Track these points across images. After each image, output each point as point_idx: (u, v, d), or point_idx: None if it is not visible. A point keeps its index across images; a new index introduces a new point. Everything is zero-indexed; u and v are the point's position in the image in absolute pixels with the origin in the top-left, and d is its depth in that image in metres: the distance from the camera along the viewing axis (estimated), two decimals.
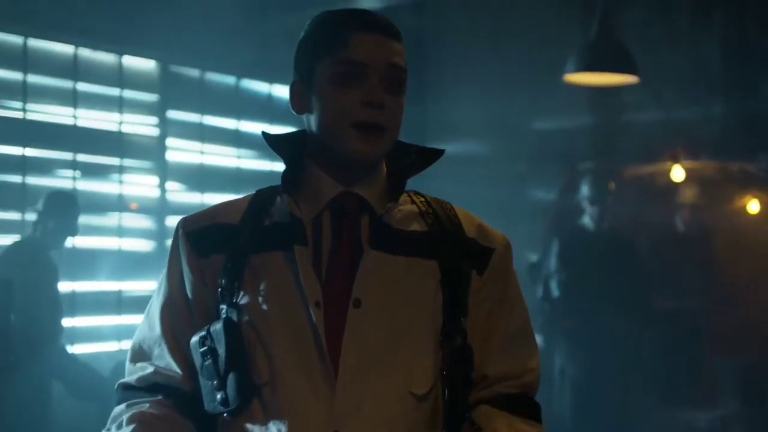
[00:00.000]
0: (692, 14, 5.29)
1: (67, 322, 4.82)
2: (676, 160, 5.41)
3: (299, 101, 1.61)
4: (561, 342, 5.15)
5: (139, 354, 1.62)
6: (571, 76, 4.63)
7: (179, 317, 1.59)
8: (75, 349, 4.93)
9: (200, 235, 1.58)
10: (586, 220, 5.19)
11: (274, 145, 1.63)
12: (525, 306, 1.67)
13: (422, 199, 1.65)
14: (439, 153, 1.66)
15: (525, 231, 5.16)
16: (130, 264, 5.21)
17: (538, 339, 4.87)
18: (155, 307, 1.63)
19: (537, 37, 5.56)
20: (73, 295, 4.98)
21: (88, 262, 5.07)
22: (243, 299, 1.53)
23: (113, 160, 5.23)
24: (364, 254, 1.54)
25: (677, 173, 5.44)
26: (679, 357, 5.27)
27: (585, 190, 5.19)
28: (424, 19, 6.11)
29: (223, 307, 1.53)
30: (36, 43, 4.88)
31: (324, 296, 1.51)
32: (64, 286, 4.81)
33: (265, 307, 1.52)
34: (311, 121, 1.59)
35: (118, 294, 5.20)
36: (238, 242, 1.55)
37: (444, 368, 1.54)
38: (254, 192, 1.65)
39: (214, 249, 1.57)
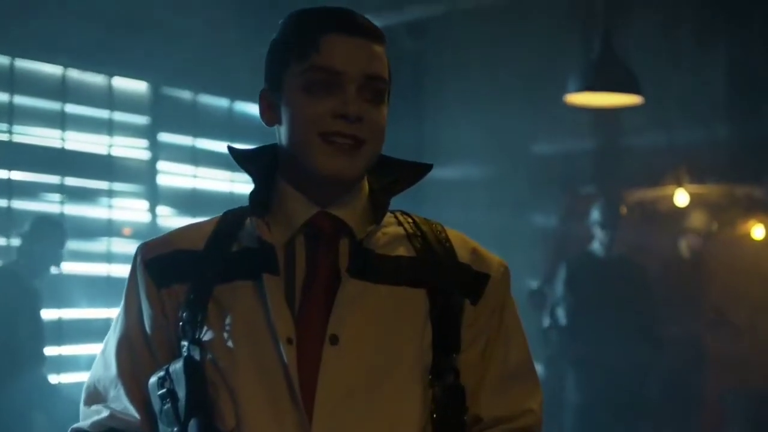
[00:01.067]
0: (696, 35, 5.17)
1: (53, 350, 4.68)
2: (680, 184, 5.28)
3: (268, 112, 1.45)
4: (569, 371, 4.99)
5: (94, 395, 1.46)
6: (573, 97, 4.49)
7: (137, 355, 1.43)
8: (61, 378, 4.79)
9: (160, 264, 1.43)
10: (594, 246, 5.03)
11: (241, 160, 1.47)
12: (524, 338, 1.51)
13: (410, 220, 1.49)
14: (427, 168, 1.50)
15: (524, 257, 5.03)
16: (118, 291, 5.05)
17: (543, 370, 4.78)
18: (111, 343, 1.47)
19: (537, 59, 5.46)
20: (59, 323, 4.84)
21: (75, 289, 4.93)
22: (206, 335, 1.37)
23: (102, 184, 5.11)
24: (341, 283, 1.38)
25: (681, 197, 5.31)
26: (686, 386, 5.13)
27: (593, 215, 5.03)
28: (423, 41, 6.00)
29: (185, 343, 1.37)
30: (23, 64, 4.76)
31: (297, 332, 1.35)
32: (50, 314, 4.67)
33: (230, 344, 1.36)
34: (281, 134, 1.43)
35: (107, 322, 5.04)
36: (201, 271, 1.40)
37: (434, 411, 1.38)
38: (221, 214, 1.49)
39: (175, 278, 1.41)
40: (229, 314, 1.38)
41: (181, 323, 1.38)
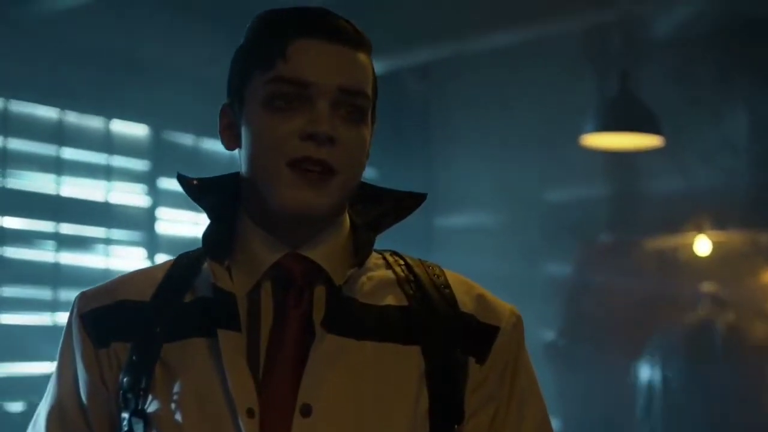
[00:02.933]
0: (715, 77, 5.00)
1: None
2: (700, 231, 5.06)
3: (228, 132, 1.23)
4: None
5: None
6: (588, 138, 4.28)
7: (71, 428, 1.20)
8: None
9: (99, 318, 1.20)
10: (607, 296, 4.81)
11: (193, 192, 1.25)
12: (542, 403, 1.27)
13: (401, 262, 1.28)
14: (421, 198, 1.29)
15: (537, 308, 4.81)
16: None
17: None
18: (42, 414, 1.24)
19: (549, 101, 5.29)
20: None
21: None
22: (151, 406, 1.14)
23: (99, 231, 4.91)
24: (316, 340, 1.15)
25: (702, 245, 5.09)
26: None
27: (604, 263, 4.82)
28: (430, 82, 5.85)
29: (125, 416, 1.14)
30: (16, 106, 4.60)
31: (261, 401, 1.12)
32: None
33: (179, 417, 1.12)
34: (242, 159, 1.22)
35: None
36: (147, 326, 1.17)
37: None
38: (175, 257, 1.26)
39: (116, 336, 1.18)
40: (177, 380, 1.15)
41: (121, 391, 1.15)
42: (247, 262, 1.20)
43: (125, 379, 1.15)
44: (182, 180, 1.26)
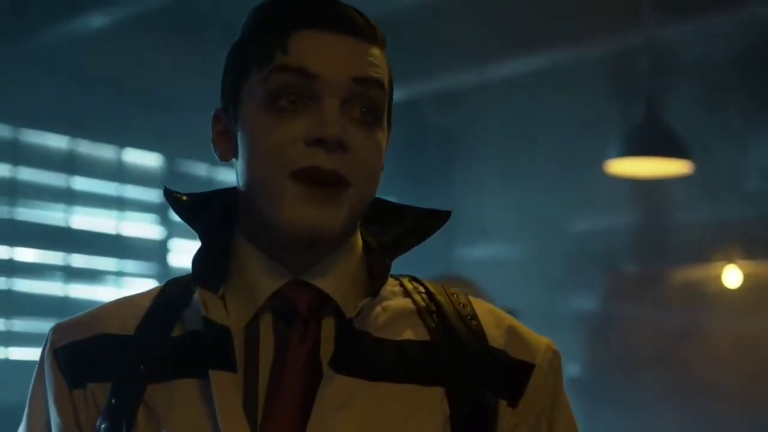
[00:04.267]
0: (744, 102, 4.86)
1: None
2: (730, 261, 4.90)
3: (222, 140, 1.07)
4: None
5: None
6: (614, 164, 4.14)
7: None
8: None
9: (75, 353, 1.04)
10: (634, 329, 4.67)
11: (184, 209, 1.09)
12: None
13: (421, 290, 1.11)
14: (444, 216, 1.12)
15: (563, 341, 4.64)
16: None
17: None
18: None
19: (574, 130, 5.17)
20: None
21: None
22: None
23: (110, 263, 4.81)
24: (323, 381, 0.99)
25: (732, 276, 4.92)
26: None
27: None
28: (452, 113, 5.73)
29: None
30: (27, 134, 4.50)
31: None
32: None
33: None
34: (238, 171, 1.06)
35: None
36: (129, 364, 1.01)
37: None
38: (164, 283, 1.09)
39: (93, 375, 1.02)
40: (164, 427, 0.98)
41: None
42: (243, 291, 1.04)
43: (103, 425, 0.99)
44: (170, 195, 1.10)
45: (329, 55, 1.01)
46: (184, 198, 1.10)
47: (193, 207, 1.09)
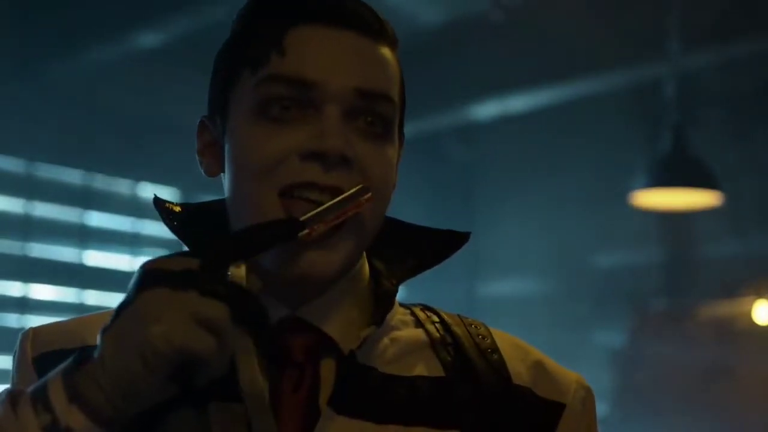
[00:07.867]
0: None
1: None
2: (760, 296, 4.77)
3: (208, 152, 0.97)
4: None
5: None
6: (641, 195, 4.03)
7: None
8: None
9: (59, 363, 0.88)
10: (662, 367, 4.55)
11: (177, 221, 0.96)
12: None
13: (435, 319, 0.99)
14: (463, 238, 1.00)
15: (589, 380, 4.53)
16: None
17: None
18: None
19: (597, 163, 5.07)
20: None
21: None
22: None
23: None
24: (320, 423, 0.87)
25: (762, 312, 4.79)
26: None
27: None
28: (473, 145, 5.65)
29: None
30: (41, 169, 4.43)
31: None
32: None
33: None
34: (226, 187, 0.95)
35: None
36: None
37: None
38: None
39: None
40: None
41: None
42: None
43: None
44: (160, 205, 0.99)
45: (331, 58, 0.89)
46: (178, 208, 0.99)
47: (186, 219, 0.98)
